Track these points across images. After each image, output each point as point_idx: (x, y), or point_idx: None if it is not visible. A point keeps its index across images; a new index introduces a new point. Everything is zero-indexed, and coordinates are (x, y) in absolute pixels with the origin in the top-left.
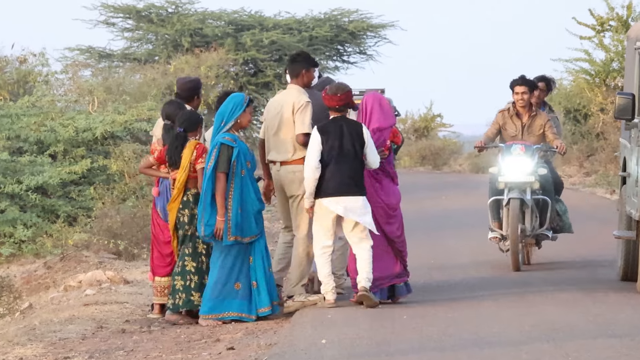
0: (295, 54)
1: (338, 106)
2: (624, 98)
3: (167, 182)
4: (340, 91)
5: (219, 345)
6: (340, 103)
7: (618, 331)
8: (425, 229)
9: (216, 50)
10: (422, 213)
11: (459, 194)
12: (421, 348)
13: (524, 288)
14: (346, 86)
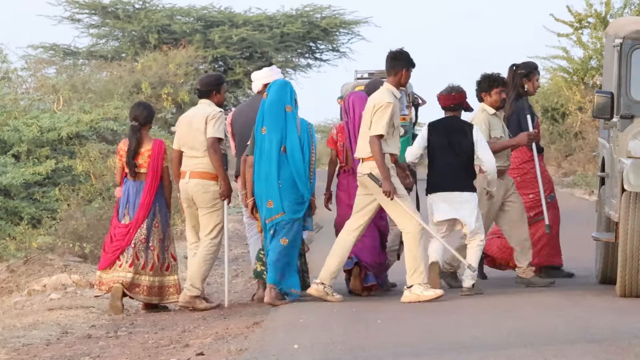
0: (397, 51)
1: (452, 105)
2: (603, 97)
3: (130, 182)
4: (455, 91)
5: (188, 351)
6: (455, 102)
7: (597, 335)
8: None
9: (185, 47)
10: None
11: None
12: (397, 354)
13: (502, 291)
14: (460, 87)
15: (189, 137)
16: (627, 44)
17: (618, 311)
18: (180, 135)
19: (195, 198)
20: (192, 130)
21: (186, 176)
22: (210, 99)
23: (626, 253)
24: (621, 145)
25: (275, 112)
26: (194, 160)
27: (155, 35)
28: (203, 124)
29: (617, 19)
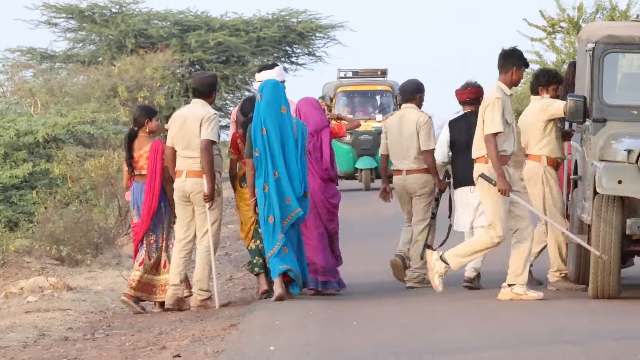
0: (510, 49)
1: (468, 99)
2: (575, 100)
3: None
4: (470, 86)
5: (165, 353)
6: (470, 96)
7: (572, 337)
8: (377, 233)
9: (161, 51)
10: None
11: None
12: (373, 355)
13: (479, 293)
14: (477, 83)
15: (182, 137)
16: (599, 48)
17: (591, 313)
18: (174, 133)
19: (193, 196)
20: (186, 131)
21: (183, 175)
22: (207, 98)
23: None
24: (594, 148)
25: (273, 113)
26: (189, 160)
27: (132, 39)
28: (198, 126)
29: (589, 24)
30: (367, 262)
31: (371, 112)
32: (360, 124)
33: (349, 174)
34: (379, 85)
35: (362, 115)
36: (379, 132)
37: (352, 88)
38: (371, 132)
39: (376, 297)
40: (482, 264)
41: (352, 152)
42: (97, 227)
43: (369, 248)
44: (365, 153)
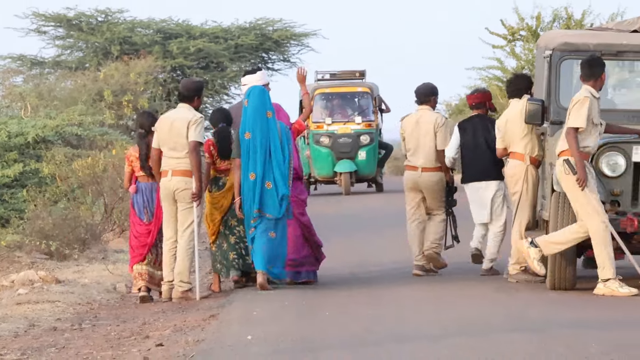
0: (595, 58)
1: (475, 103)
2: (534, 104)
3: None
4: (478, 91)
5: (148, 342)
6: (477, 101)
7: (531, 325)
8: (346, 228)
9: (145, 58)
10: (341, 213)
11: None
12: (344, 344)
13: (443, 285)
14: (485, 89)
15: (169, 139)
16: (556, 55)
17: (549, 303)
18: (161, 136)
19: (177, 194)
20: (174, 133)
21: (168, 174)
22: (192, 103)
23: None
24: (551, 149)
25: (258, 118)
26: (175, 160)
27: (117, 46)
28: (185, 128)
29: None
30: (339, 256)
31: (350, 115)
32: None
33: (328, 178)
34: (358, 87)
35: (341, 118)
36: (358, 135)
37: (330, 90)
38: (350, 135)
39: (347, 289)
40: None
41: (331, 155)
42: (84, 223)
43: (342, 244)
44: (344, 156)
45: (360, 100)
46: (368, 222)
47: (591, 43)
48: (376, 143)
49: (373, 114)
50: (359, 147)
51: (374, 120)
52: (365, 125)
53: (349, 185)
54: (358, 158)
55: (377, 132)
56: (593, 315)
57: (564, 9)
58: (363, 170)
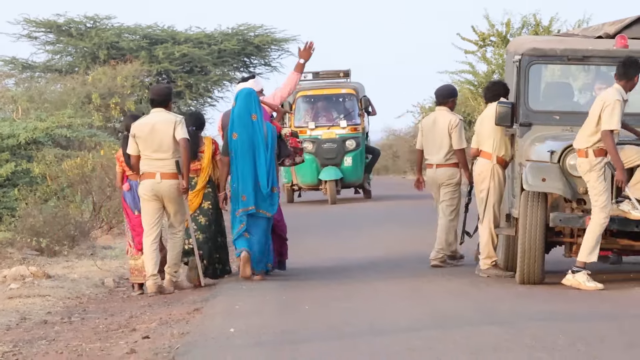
0: (634, 59)
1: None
2: (504, 107)
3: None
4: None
5: (135, 335)
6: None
7: (500, 319)
8: (325, 227)
9: (131, 62)
10: (321, 212)
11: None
12: (323, 336)
13: (416, 279)
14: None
15: (153, 142)
16: (525, 60)
17: (517, 296)
18: (144, 140)
19: (166, 196)
20: (157, 135)
21: (157, 177)
22: (167, 107)
23: (525, 245)
24: (520, 149)
25: (243, 120)
26: (161, 162)
27: (104, 51)
28: (171, 129)
29: (516, 38)
30: (318, 252)
31: (335, 118)
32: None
33: (312, 186)
34: (343, 88)
35: (325, 122)
36: (343, 140)
37: (313, 92)
38: (335, 140)
39: (325, 284)
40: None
41: (315, 162)
42: (73, 221)
43: (320, 242)
44: (329, 163)
45: (345, 103)
46: (345, 220)
47: (558, 48)
48: (363, 148)
49: (359, 116)
50: (344, 153)
51: (360, 123)
52: (351, 129)
53: (335, 193)
54: (344, 164)
55: (364, 136)
56: (560, 308)
57: (533, 16)
58: (349, 177)
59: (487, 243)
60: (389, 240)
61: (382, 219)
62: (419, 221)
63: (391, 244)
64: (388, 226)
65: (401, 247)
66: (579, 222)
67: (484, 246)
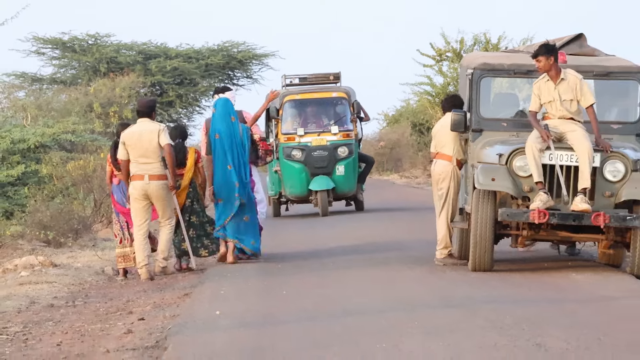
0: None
1: None
2: (458, 115)
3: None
4: None
5: (132, 317)
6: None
7: (456, 302)
8: (300, 221)
9: (128, 75)
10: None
11: None
12: (300, 318)
13: (383, 267)
14: None
15: (140, 148)
16: (477, 73)
17: (470, 283)
18: (132, 146)
19: (154, 195)
20: (144, 142)
21: (145, 178)
22: (151, 117)
23: (476, 237)
24: (473, 152)
25: (224, 123)
26: (148, 165)
27: (104, 65)
28: (156, 137)
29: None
30: (295, 244)
31: (325, 124)
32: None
33: (301, 197)
34: (333, 92)
35: (315, 128)
36: (335, 147)
37: (301, 96)
38: (326, 147)
39: (301, 272)
40: None
41: (305, 171)
42: (76, 216)
43: (297, 235)
44: (320, 172)
45: (336, 107)
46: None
47: (505, 63)
48: (356, 155)
49: (351, 122)
50: (336, 161)
51: (353, 129)
52: (342, 136)
53: (327, 205)
54: (336, 173)
55: (357, 143)
56: (507, 293)
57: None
58: (342, 187)
59: (444, 235)
60: (359, 231)
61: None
62: (389, 214)
63: (361, 234)
64: (358, 218)
65: (371, 238)
66: (523, 217)
67: (441, 238)
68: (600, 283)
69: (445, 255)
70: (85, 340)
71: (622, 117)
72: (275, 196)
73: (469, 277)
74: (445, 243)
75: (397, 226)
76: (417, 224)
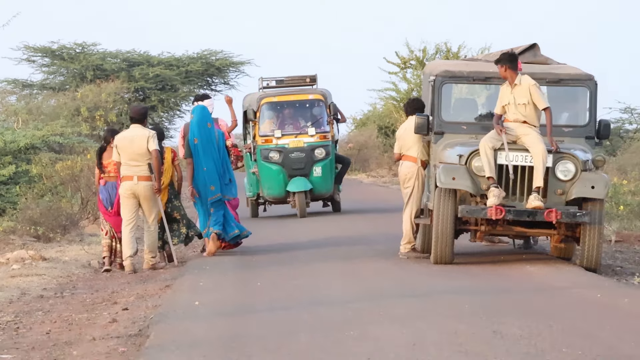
0: (504, 52)
1: None
2: (421, 118)
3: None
4: None
5: (116, 307)
6: None
7: (418, 292)
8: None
9: (113, 81)
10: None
11: None
12: (273, 308)
13: (350, 260)
14: None
15: (131, 152)
16: (439, 80)
17: (432, 274)
18: (123, 149)
19: (142, 195)
20: (135, 146)
21: (134, 179)
22: (143, 123)
23: (438, 232)
24: (434, 153)
25: (202, 128)
26: (137, 167)
27: (91, 72)
28: (145, 142)
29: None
30: (268, 239)
31: (302, 126)
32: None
33: (279, 198)
34: (310, 94)
35: (292, 130)
36: (312, 149)
37: (279, 99)
38: (303, 149)
39: (274, 265)
40: None
41: (282, 172)
42: (64, 213)
43: (271, 230)
44: (297, 173)
45: (313, 109)
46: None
47: (465, 71)
48: (333, 157)
49: (328, 124)
50: (313, 163)
51: (330, 131)
52: (320, 138)
53: (304, 206)
54: (313, 175)
55: (333, 144)
56: (466, 283)
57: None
58: (319, 188)
59: (408, 230)
60: (329, 227)
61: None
62: (357, 210)
63: (330, 230)
64: (328, 214)
65: (339, 233)
66: (482, 213)
67: (405, 233)
68: (552, 274)
69: (409, 249)
70: (73, 328)
71: (573, 121)
72: (253, 197)
73: (431, 270)
74: (409, 238)
75: (363, 222)
76: (382, 220)
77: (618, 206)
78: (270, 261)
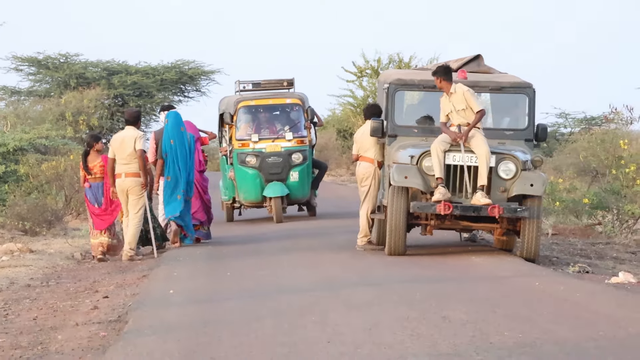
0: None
1: None
2: (376, 122)
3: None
4: None
5: (98, 295)
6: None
7: (373, 281)
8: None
9: (95, 88)
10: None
11: None
12: (241, 296)
13: (311, 252)
14: None
15: (121, 151)
16: (392, 87)
17: (386, 265)
18: (115, 148)
19: (129, 189)
20: (124, 146)
21: (122, 176)
22: (136, 125)
23: (391, 226)
24: (389, 154)
25: (176, 132)
26: (126, 165)
27: (74, 80)
28: (133, 143)
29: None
30: (236, 233)
31: (279, 130)
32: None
33: (256, 203)
34: (287, 98)
35: (269, 134)
36: (289, 153)
37: (256, 102)
38: (280, 154)
39: (241, 257)
40: None
41: (259, 177)
42: (50, 209)
43: (238, 225)
44: (274, 178)
45: (290, 113)
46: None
47: (416, 79)
48: (310, 162)
49: (305, 128)
50: (290, 167)
51: (307, 135)
52: (297, 142)
53: (281, 211)
54: (290, 180)
55: (310, 149)
56: (417, 273)
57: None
58: (296, 193)
59: (364, 225)
60: (292, 221)
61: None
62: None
63: (292, 224)
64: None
65: (301, 227)
66: (431, 209)
67: (362, 227)
68: (495, 264)
69: (365, 242)
70: (58, 315)
71: (514, 125)
72: (228, 201)
73: (385, 260)
74: (365, 232)
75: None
76: (340, 215)
77: (554, 202)
78: (239, 253)
